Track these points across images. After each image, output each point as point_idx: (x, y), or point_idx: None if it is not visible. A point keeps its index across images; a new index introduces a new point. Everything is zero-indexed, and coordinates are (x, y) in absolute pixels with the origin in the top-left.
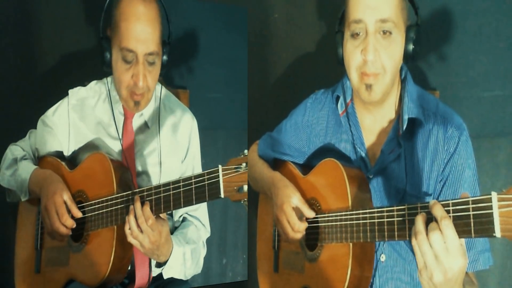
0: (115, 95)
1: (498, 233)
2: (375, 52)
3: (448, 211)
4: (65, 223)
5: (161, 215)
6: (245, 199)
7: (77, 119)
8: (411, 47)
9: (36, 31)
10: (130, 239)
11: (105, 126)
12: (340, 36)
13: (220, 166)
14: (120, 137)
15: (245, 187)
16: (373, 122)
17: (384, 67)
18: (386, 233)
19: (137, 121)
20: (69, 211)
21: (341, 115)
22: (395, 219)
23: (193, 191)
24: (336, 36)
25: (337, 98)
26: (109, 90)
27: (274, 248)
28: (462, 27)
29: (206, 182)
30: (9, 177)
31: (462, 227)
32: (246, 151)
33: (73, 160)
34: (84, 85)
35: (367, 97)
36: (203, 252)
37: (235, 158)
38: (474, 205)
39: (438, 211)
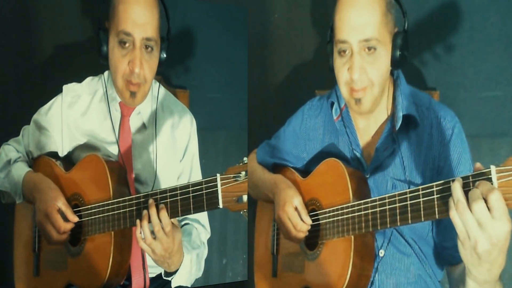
0: (112, 93)
1: None
2: (360, 70)
3: (449, 189)
4: (64, 232)
5: (173, 221)
6: (245, 210)
7: (71, 118)
8: (397, 53)
9: (31, 26)
10: (142, 244)
11: (101, 125)
12: (331, 46)
13: (218, 175)
14: (117, 136)
15: (245, 197)
16: (367, 124)
17: (372, 81)
18: (388, 219)
19: (134, 121)
20: (65, 218)
21: (336, 120)
22: (397, 204)
23: (191, 200)
24: (328, 46)
25: (332, 104)
26: (106, 89)
27: (273, 253)
28: (462, 28)
29: (204, 191)
30: (3, 179)
31: None
32: (245, 158)
33: (69, 159)
34: (79, 81)
35: (357, 109)
36: (205, 253)
37: (234, 167)
38: (474, 179)
39: (484, 185)
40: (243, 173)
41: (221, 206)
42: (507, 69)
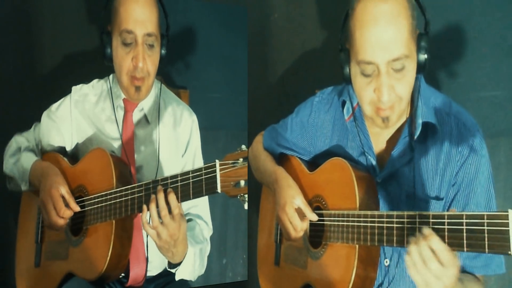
0: (116, 91)
1: None
2: (389, 90)
3: (461, 224)
4: (63, 216)
5: (180, 212)
6: (242, 194)
7: (79, 115)
8: (423, 57)
9: (39, 30)
10: (148, 229)
11: (106, 121)
12: (345, 55)
13: (217, 161)
14: (120, 131)
15: (242, 182)
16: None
17: (400, 96)
18: (395, 238)
19: (137, 116)
20: (67, 205)
21: (347, 120)
22: (405, 225)
23: (191, 186)
24: (341, 55)
25: (343, 102)
26: (110, 87)
27: (276, 242)
28: (463, 28)
29: (203, 177)
30: (12, 165)
31: (475, 240)
32: (243, 146)
33: (74, 155)
34: (87, 83)
35: (384, 127)
36: (208, 249)
37: (232, 154)
38: (489, 221)
39: (433, 242)
40: (241, 159)
41: (219, 190)
42: (507, 69)
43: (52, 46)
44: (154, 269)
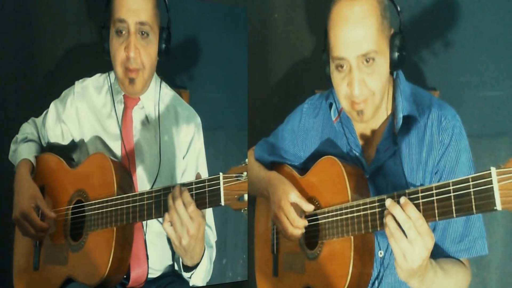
0: (117, 87)
1: (499, 206)
2: (360, 84)
3: (448, 191)
4: (41, 229)
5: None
6: (245, 208)
7: (80, 108)
8: (396, 55)
9: (38, 28)
10: (166, 227)
11: (106, 116)
12: (326, 55)
13: (221, 174)
14: (120, 125)
15: (246, 196)
16: (367, 124)
17: (372, 90)
18: None
19: (137, 113)
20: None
21: (334, 121)
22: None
23: (194, 197)
24: (323, 56)
25: (330, 104)
26: (111, 82)
27: (273, 253)
28: (462, 27)
29: (206, 189)
30: (12, 152)
31: (463, 204)
32: (247, 160)
33: (77, 150)
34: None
35: (360, 120)
36: (213, 256)
37: (236, 167)
38: (474, 182)
39: (411, 212)
40: (245, 173)
41: (222, 203)
42: (507, 69)
43: (53, 43)
44: (154, 272)
